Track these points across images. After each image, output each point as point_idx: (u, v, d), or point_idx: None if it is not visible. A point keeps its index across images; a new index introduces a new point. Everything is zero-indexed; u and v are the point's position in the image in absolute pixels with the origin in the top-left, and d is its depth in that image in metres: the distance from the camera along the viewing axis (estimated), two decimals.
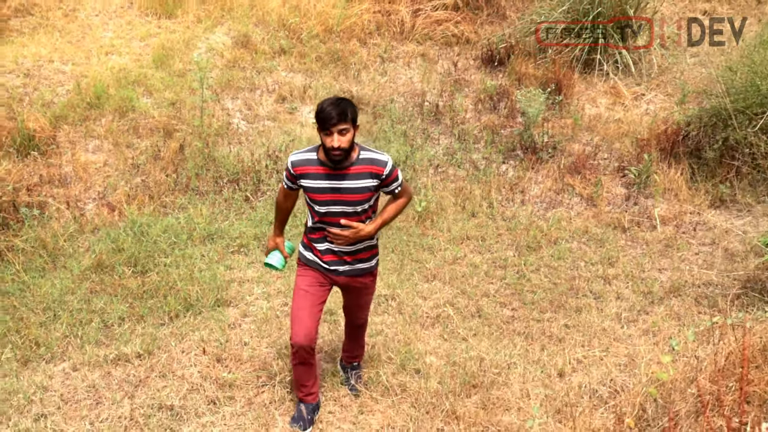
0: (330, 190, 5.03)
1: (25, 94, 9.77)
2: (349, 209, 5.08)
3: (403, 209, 5.46)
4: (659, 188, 9.16)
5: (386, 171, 5.07)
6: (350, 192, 5.02)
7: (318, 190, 5.05)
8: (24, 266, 7.56)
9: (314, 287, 5.32)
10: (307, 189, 5.12)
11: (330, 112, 4.76)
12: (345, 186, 5.01)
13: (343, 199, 5.04)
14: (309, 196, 5.14)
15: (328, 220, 5.13)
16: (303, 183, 5.11)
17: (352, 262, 5.31)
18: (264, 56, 10.98)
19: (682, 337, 5.96)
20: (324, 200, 5.06)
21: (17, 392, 5.92)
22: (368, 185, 5.05)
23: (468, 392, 5.99)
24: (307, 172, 5.08)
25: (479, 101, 10.77)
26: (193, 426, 5.61)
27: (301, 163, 5.09)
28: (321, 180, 5.03)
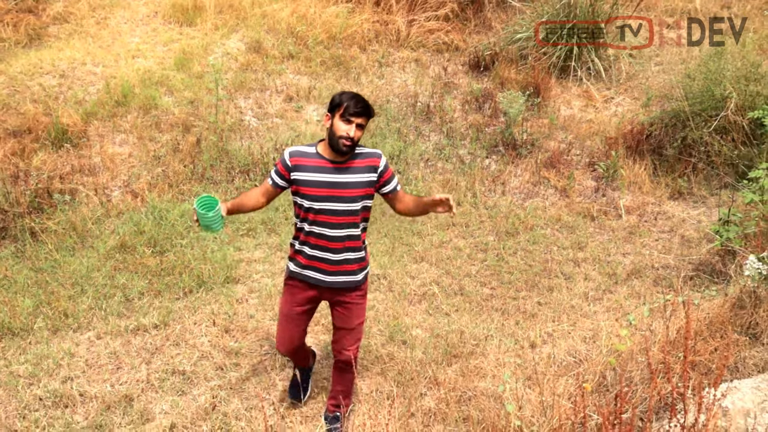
0: (327, 184, 4.45)
1: (60, 92, 9.74)
2: (344, 206, 4.50)
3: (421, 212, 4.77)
4: (625, 181, 9.13)
5: (382, 162, 4.58)
6: (350, 186, 4.48)
7: (314, 183, 4.46)
8: (56, 246, 7.56)
9: (298, 308, 4.81)
10: (300, 183, 4.49)
11: (358, 102, 4.38)
12: (344, 180, 4.47)
13: (340, 195, 4.47)
14: (302, 192, 4.51)
15: (319, 219, 4.52)
16: (296, 176, 4.50)
17: (339, 272, 4.67)
18: (274, 60, 10.95)
19: (639, 313, 5.95)
20: (319, 195, 4.46)
21: (47, 357, 5.93)
22: (366, 179, 4.52)
23: (449, 361, 5.99)
24: (304, 164, 4.50)
25: (466, 102, 10.74)
26: (202, 389, 5.62)
27: (299, 155, 4.52)
28: (318, 173, 4.46)
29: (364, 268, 4.82)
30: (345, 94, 4.45)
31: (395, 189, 4.73)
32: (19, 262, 7.36)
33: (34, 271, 7.19)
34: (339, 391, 5.15)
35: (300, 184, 4.51)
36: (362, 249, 4.76)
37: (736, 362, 4.74)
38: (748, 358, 4.80)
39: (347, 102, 4.38)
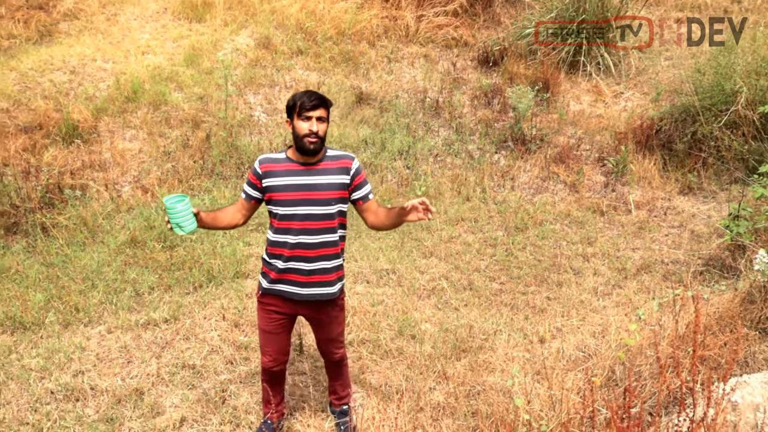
0: (299, 186, 4.28)
1: (71, 88, 9.77)
2: (319, 210, 4.29)
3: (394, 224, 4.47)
4: (634, 176, 9.11)
5: (354, 165, 4.39)
6: (322, 188, 4.29)
7: (285, 187, 4.29)
8: (67, 241, 7.59)
9: (274, 324, 4.63)
10: (272, 189, 4.32)
11: (311, 96, 4.21)
12: (316, 182, 4.30)
13: (313, 198, 4.28)
14: (275, 198, 4.33)
15: (293, 226, 4.31)
16: (268, 183, 4.33)
17: (315, 283, 4.44)
18: (283, 56, 10.95)
19: (648, 308, 5.94)
20: (291, 200, 4.28)
21: (59, 351, 5.95)
22: (339, 181, 4.34)
23: (458, 356, 5.98)
24: (274, 169, 4.33)
25: (475, 98, 10.73)
26: (212, 383, 5.63)
27: (268, 161, 4.36)
28: (289, 176, 4.29)
29: (341, 278, 4.60)
30: (296, 94, 4.29)
31: (366, 197, 4.47)
32: (30, 257, 7.39)
33: (45, 266, 7.22)
34: (337, 384, 5.11)
35: (272, 190, 4.33)
36: (339, 257, 4.52)
37: (745, 357, 4.73)
38: (757, 352, 4.79)
39: (300, 100, 4.22)
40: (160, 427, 5.16)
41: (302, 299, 4.49)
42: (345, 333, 6.09)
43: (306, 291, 4.46)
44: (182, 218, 4.18)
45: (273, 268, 4.46)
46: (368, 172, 9.11)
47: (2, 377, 5.65)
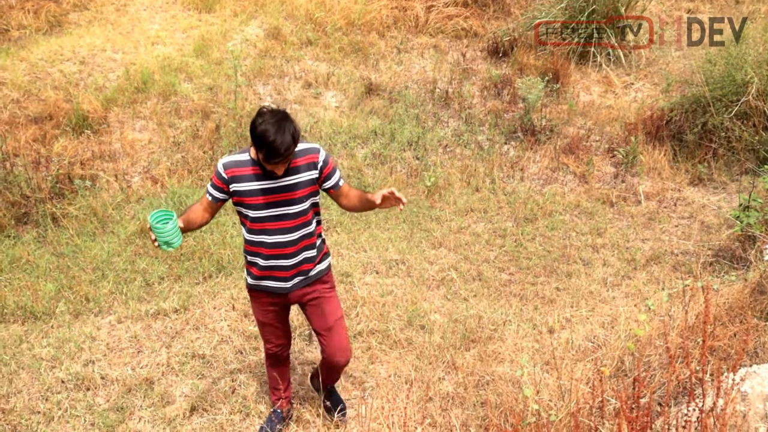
0: (269, 191, 4.16)
1: (81, 79, 9.79)
2: (292, 209, 4.23)
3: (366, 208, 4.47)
4: (644, 167, 9.09)
5: (321, 157, 4.26)
6: (292, 189, 4.19)
7: (254, 192, 4.17)
8: (77, 231, 7.63)
9: (270, 315, 4.63)
10: (240, 194, 4.19)
11: (278, 148, 3.85)
12: (284, 183, 4.17)
13: (283, 199, 4.19)
14: (244, 202, 4.22)
15: (268, 227, 4.25)
16: (236, 188, 4.19)
17: (295, 275, 4.44)
18: (292, 47, 10.95)
19: (658, 298, 5.93)
20: (262, 203, 4.19)
21: (69, 341, 6.00)
22: (308, 178, 4.24)
23: (467, 346, 6.00)
24: (240, 174, 4.17)
25: (485, 88, 10.70)
26: (222, 372, 5.66)
27: (233, 165, 4.18)
28: (257, 181, 4.16)
29: (325, 256, 4.59)
30: (263, 132, 3.87)
31: (337, 184, 4.39)
32: (41, 247, 7.43)
33: (55, 256, 7.25)
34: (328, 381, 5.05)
35: (241, 195, 4.20)
36: (319, 242, 4.52)
37: (755, 347, 4.72)
38: (767, 343, 4.78)
39: (265, 145, 3.87)
40: (170, 417, 5.20)
41: (289, 291, 4.49)
42: (354, 325, 6.11)
43: (291, 283, 4.46)
44: (170, 236, 4.04)
45: (254, 265, 4.45)
46: (378, 163, 9.11)
47: (13, 366, 5.70)
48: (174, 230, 4.02)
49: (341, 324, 4.64)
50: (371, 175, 8.86)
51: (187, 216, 4.30)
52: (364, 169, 8.95)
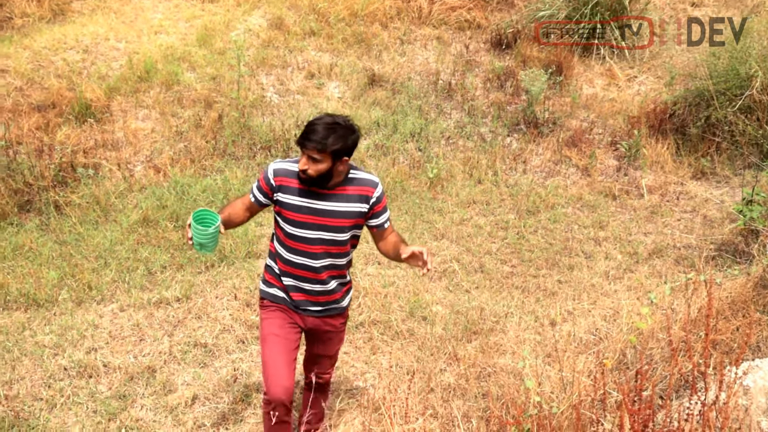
0: (312, 211, 3.91)
1: (84, 68, 9.78)
2: (329, 236, 3.95)
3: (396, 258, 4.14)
4: (647, 161, 9.09)
5: (376, 193, 4.00)
6: (334, 216, 3.93)
7: (297, 208, 3.92)
8: (79, 219, 7.63)
9: (285, 329, 4.17)
10: (283, 205, 3.95)
11: (312, 132, 3.75)
12: (328, 208, 3.92)
13: (324, 224, 3.93)
14: (284, 215, 3.98)
15: (300, 247, 3.98)
16: (280, 197, 3.96)
17: (324, 302, 4.18)
18: (295, 37, 10.93)
19: (660, 292, 5.93)
20: (300, 221, 3.93)
21: (72, 328, 6.00)
22: (356, 210, 3.97)
23: (469, 338, 6.01)
24: (288, 185, 3.94)
25: (488, 80, 10.69)
26: (224, 361, 5.67)
27: (284, 173, 3.95)
28: (303, 198, 3.92)
29: (348, 291, 4.34)
30: (310, 121, 3.85)
31: (383, 225, 4.13)
32: (43, 235, 7.43)
33: (58, 244, 7.25)
34: (313, 414, 4.59)
35: (283, 206, 3.97)
36: (347, 275, 4.29)
37: (758, 341, 4.73)
38: None
39: (304, 129, 3.81)
40: (172, 405, 5.21)
41: (309, 315, 4.20)
42: (356, 315, 6.12)
43: (312, 308, 4.19)
44: (208, 239, 3.84)
45: (277, 278, 4.18)
46: (380, 154, 9.10)
47: (16, 353, 5.70)
48: (214, 235, 3.83)
49: (337, 355, 4.61)
50: (374, 166, 8.85)
51: (228, 213, 4.08)
52: (366, 160, 8.94)
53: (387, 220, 4.13)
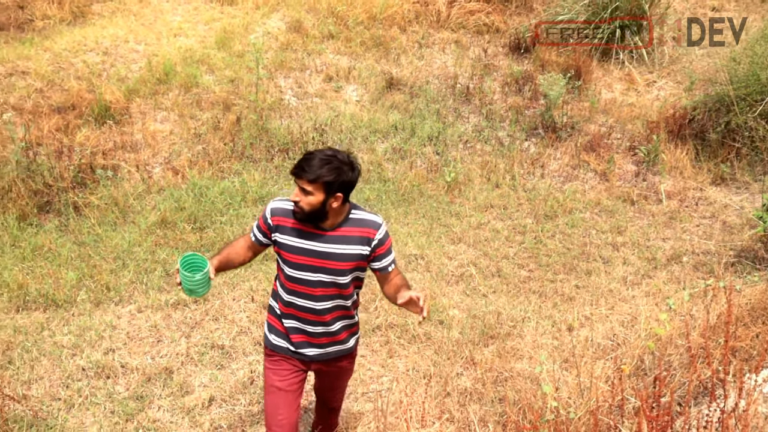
0: (310, 252, 3.71)
1: (104, 70, 9.84)
2: (329, 278, 3.75)
3: None
4: (666, 166, 9.05)
5: (378, 235, 3.78)
6: (333, 258, 3.72)
7: (296, 249, 3.73)
8: (98, 220, 7.67)
9: (287, 381, 4.02)
10: (281, 246, 3.78)
11: (305, 161, 3.57)
12: (327, 250, 3.71)
13: (323, 266, 3.72)
14: (283, 256, 3.80)
15: (301, 290, 3.79)
16: (277, 238, 3.78)
17: (326, 344, 3.98)
18: (314, 40, 10.95)
19: (679, 297, 5.91)
20: (299, 263, 3.74)
21: (90, 329, 6.04)
22: (357, 252, 3.75)
23: (486, 342, 6.00)
24: (285, 224, 3.76)
25: (506, 84, 10.68)
26: (240, 363, 5.69)
27: (281, 213, 3.77)
28: (300, 239, 3.72)
29: (355, 333, 4.15)
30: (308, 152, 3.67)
31: (386, 269, 3.87)
32: (62, 236, 7.48)
33: (77, 245, 7.30)
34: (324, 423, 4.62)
35: (281, 247, 3.80)
36: (353, 317, 4.07)
37: None
38: None
39: (299, 159, 3.63)
40: (189, 406, 5.23)
41: (313, 360, 4.03)
42: (372, 319, 6.12)
43: (318, 351, 3.99)
44: (197, 285, 3.73)
45: (281, 324, 3.99)
46: (398, 157, 9.10)
47: (35, 353, 5.75)
48: (202, 281, 3.71)
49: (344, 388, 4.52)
50: (391, 170, 8.86)
51: (226, 254, 3.97)
52: (384, 163, 8.95)
53: (391, 263, 3.88)
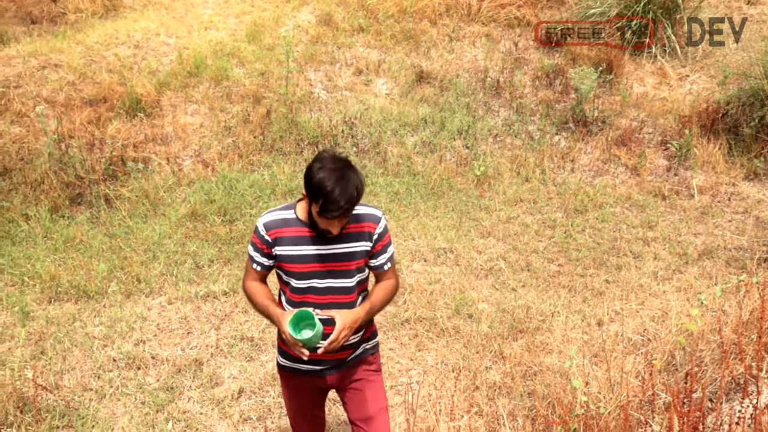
0: (314, 257, 3.47)
1: (135, 63, 9.92)
2: (338, 283, 3.52)
3: (392, 298, 3.75)
4: (698, 161, 8.96)
5: (379, 229, 3.56)
6: (341, 259, 3.50)
7: (299, 258, 3.46)
8: (129, 213, 7.74)
9: (307, 403, 3.87)
10: (283, 259, 3.48)
11: (338, 198, 3.20)
12: (334, 251, 3.48)
13: (333, 269, 3.49)
14: (286, 269, 3.50)
15: (309, 300, 3.50)
16: (278, 251, 3.47)
17: (338, 359, 3.67)
18: (344, 33, 10.96)
19: (711, 293, 5.86)
20: (307, 272, 3.47)
21: (121, 320, 6.10)
22: (362, 248, 3.54)
23: (515, 336, 5.98)
24: (284, 235, 3.46)
25: (536, 78, 10.62)
26: (270, 355, 5.71)
27: (276, 225, 3.46)
28: (302, 246, 3.46)
29: (372, 335, 3.85)
30: (322, 185, 3.23)
31: (382, 267, 3.67)
32: (94, 228, 7.55)
33: (108, 237, 7.37)
34: None
35: (282, 260, 3.50)
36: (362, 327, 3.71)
37: None
38: None
39: (323, 197, 3.22)
40: (219, 397, 5.26)
41: (326, 374, 3.71)
42: (401, 312, 6.12)
43: (330, 365, 3.68)
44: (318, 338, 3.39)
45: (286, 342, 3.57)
46: (427, 151, 9.10)
47: (67, 344, 5.81)
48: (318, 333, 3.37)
49: (384, 416, 3.80)
50: (420, 164, 8.85)
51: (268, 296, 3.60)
52: (413, 157, 8.94)
53: (387, 261, 3.67)
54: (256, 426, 5.04)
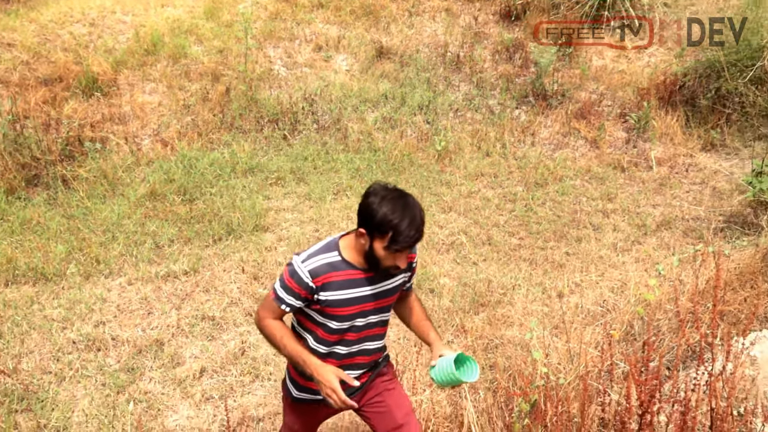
0: (363, 299, 3.22)
1: (91, 41, 9.75)
2: (378, 317, 3.33)
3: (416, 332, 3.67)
4: (656, 133, 9.03)
5: (416, 256, 3.42)
6: (392, 293, 3.32)
7: (349, 302, 3.20)
8: (87, 193, 7.64)
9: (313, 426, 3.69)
10: (329, 304, 3.19)
11: (408, 231, 2.99)
12: (382, 289, 3.26)
13: (380, 306, 3.29)
14: (328, 313, 3.22)
15: (348, 337, 3.31)
16: (323, 297, 3.16)
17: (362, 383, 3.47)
18: (303, 9, 10.87)
19: (668, 263, 5.91)
20: (349, 314, 3.23)
21: (80, 302, 6.02)
22: (404, 278, 3.37)
23: (476, 310, 6.00)
24: (332, 280, 3.17)
25: (496, 52, 10.62)
26: (231, 334, 5.68)
27: (323, 270, 3.14)
28: (353, 289, 3.19)
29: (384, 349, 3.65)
30: (387, 218, 3.01)
31: (411, 287, 3.57)
32: (51, 209, 7.44)
33: (66, 218, 7.27)
34: None
35: (328, 305, 3.22)
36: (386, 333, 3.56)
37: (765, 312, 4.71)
38: None
39: (393, 233, 3.01)
40: (180, 377, 5.22)
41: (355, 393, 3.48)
42: None
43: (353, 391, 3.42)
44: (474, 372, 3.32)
45: (310, 379, 3.29)
46: (388, 127, 9.08)
47: (25, 327, 5.73)
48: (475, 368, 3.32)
49: (413, 419, 3.59)
50: (381, 139, 8.83)
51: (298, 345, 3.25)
52: (374, 133, 8.91)
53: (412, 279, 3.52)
54: (218, 405, 5.01)
